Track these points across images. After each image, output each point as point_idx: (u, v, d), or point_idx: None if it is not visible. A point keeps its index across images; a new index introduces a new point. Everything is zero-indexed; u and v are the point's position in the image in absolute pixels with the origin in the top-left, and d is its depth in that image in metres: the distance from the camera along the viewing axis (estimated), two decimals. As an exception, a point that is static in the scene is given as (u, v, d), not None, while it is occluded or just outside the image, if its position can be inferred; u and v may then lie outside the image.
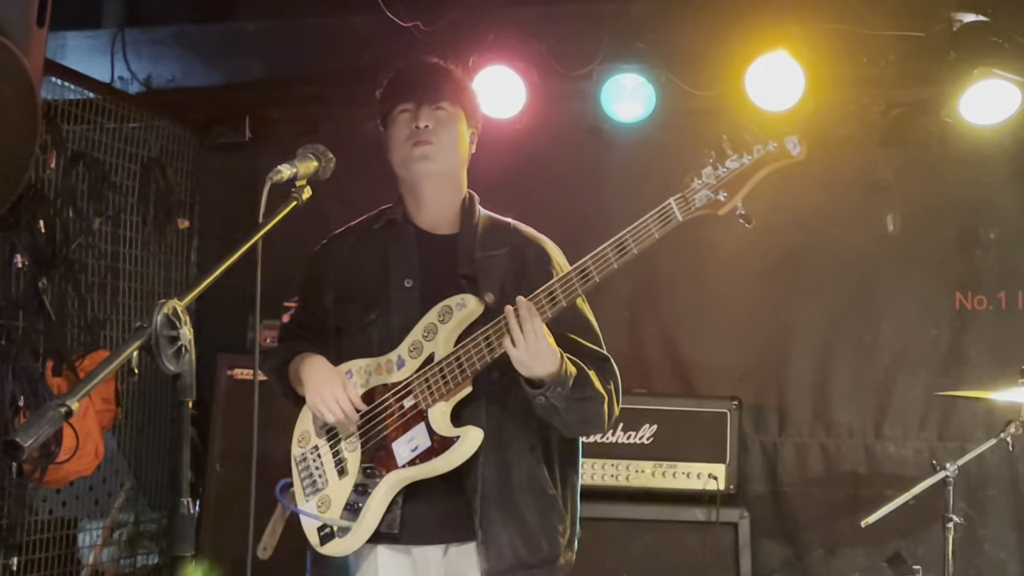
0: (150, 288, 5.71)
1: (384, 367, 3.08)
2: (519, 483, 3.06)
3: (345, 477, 3.09)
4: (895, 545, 5.14)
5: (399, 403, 3.03)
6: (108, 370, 1.90)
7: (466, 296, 3.02)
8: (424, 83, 3.18)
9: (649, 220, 2.88)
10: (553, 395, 2.91)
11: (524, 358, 2.86)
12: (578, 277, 2.90)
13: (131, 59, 5.78)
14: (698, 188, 2.84)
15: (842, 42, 5.06)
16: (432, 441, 2.97)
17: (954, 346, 5.34)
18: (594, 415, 3.05)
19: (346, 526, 3.03)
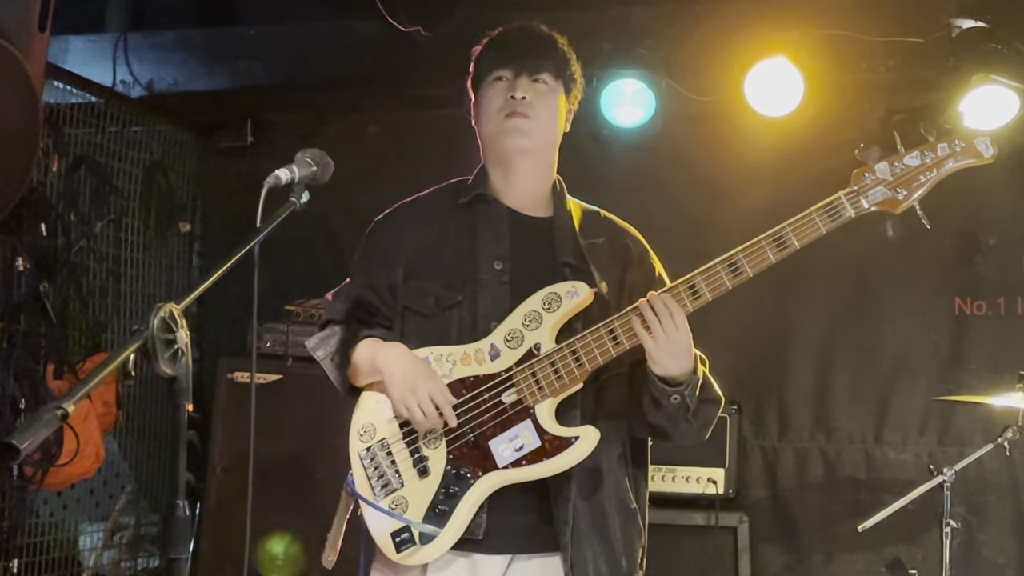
0: (152, 291, 5.72)
1: (473, 356, 2.79)
2: (607, 494, 2.82)
3: (427, 478, 2.78)
4: (894, 550, 5.14)
5: (497, 398, 2.76)
6: (104, 373, 1.92)
7: (578, 284, 2.77)
8: (526, 50, 2.91)
9: (815, 213, 2.72)
10: (689, 394, 2.71)
11: (662, 354, 2.66)
12: (727, 270, 2.72)
13: (133, 63, 5.79)
14: (871, 184, 2.71)
15: (842, 48, 5.07)
16: (543, 441, 2.71)
17: (953, 351, 5.34)
18: (712, 419, 2.85)
19: (431, 532, 2.73)
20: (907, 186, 2.71)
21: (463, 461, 2.76)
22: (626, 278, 2.91)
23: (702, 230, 5.50)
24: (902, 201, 2.72)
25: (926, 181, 2.71)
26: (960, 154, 2.72)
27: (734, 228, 5.38)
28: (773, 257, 2.73)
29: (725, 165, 5.55)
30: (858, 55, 5.12)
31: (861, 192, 2.72)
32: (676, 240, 5.50)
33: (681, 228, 5.54)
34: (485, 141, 2.96)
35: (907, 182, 2.71)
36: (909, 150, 2.72)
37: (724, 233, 5.40)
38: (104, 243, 5.44)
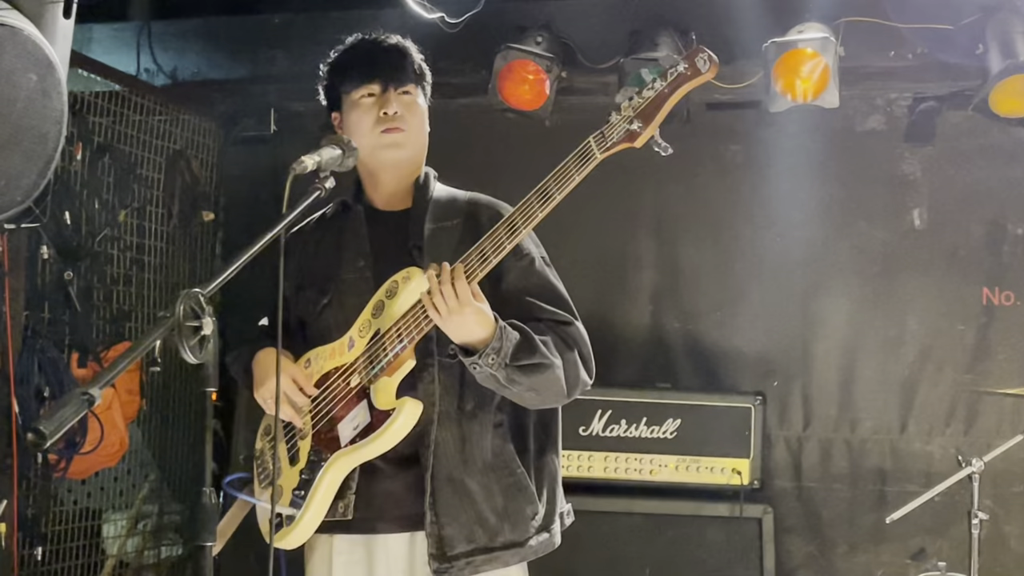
0: (175, 280, 5.72)
1: (337, 350, 2.97)
2: (481, 462, 2.91)
3: (296, 465, 2.97)
4: (920, 541, 5.12)
5: (346, 382, 2.91)
6: (131, 358, 1.91)
7: (411, 269, 2.88)
8: (388, 65, 3.05)
9: (569, 163, 2.77)
10: (488, 363, 2.73)
11: (448, 326, 2.73)
12: (505, 231, 2.76)
13: (157, 52, 5.79)
14: (616, 122, 2.74)
15: (869, 35, 5.03)
16: (372, 418, 2.83)
17: (981, 342, 5.30)
18: (544, 383, 2.83)
19: (291, 514, 2.88)
20: (643, 118, 2.72)
21: (319, 445, 2.93)
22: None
23: (730, 219, 5.49)
24: (640, 133, 2.73)
25: (660, 109, 2.73)
26: (686, 74, 2.73)
27: (762, 216, 5.43)
28: (541, 212, 2.76)
29: (750, 154, 5.53)
30: (886, 42, 5.08)
31: (605, 132, 2.76)
32: (702, 227, 5.55)
33: (705, 216, 5.53)
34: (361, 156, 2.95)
35: (644, 114, 2.72)
36: (647, 83, 2.75)
37: (749, 220, 5.43)
38: (128, 232, 5.44)
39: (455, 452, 2.90)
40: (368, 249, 3.04)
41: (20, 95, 3.41)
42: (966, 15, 4.93)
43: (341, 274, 3.04)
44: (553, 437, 3.07)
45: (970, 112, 5.09)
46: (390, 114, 3.00)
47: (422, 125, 3.09)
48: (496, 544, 2.90)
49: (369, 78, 3.03)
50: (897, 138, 5.43)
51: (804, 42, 4.89)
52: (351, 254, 3.05)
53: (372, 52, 3.09)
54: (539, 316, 2.93)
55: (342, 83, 3.09)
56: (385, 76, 3.03)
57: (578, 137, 5.69)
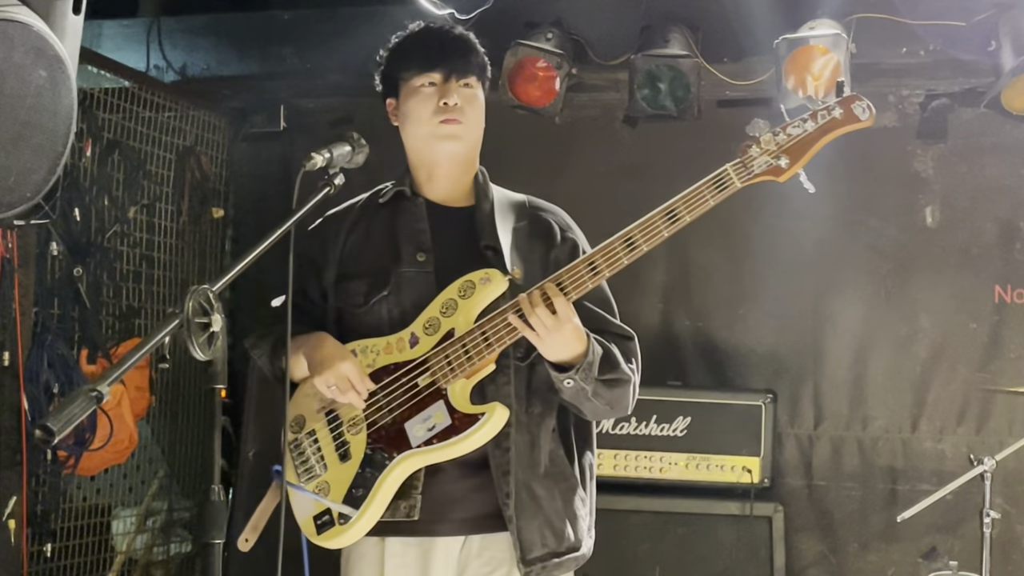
0: (184, 277, 5.72)
1: (395, 346, 2.89)
2: (546, 467, 2.89)
3: (348, 462, 2.87)
4: (931, 540, 5.10)
5: (412, 381, 2.85)
6: (139, 355, 1.90)
7: (491, 270, 2.85)
8: (452, 54, 2.97)
9: (703, 187, 2.77)
10: (581, 378, 2.75)
11: (545, 345, 2.73)
12: (623, 246, 2.75)
13: (167, 48, 5.78)
14: (756, 155, 2.76)
15: (881, 31, 5.01)
16: (453, 419, 2.78)
17: (993, 340, 5.28)
18: (621, 398, 2.89)
19: (349, 513, 2.81)
20: (790, 153, 2.76)
21: (380, 444, 2.84)
22: (551, 255, 2.97)
23: (741, 216, 5.47)
24: (785, 169, 2.77)
25: (809, 148, 2.77)
26: (840, 119, 2.77)
27: (773, 213, 5.41)
28: (667, 232, 2.78)
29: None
30: (898, 38, 5.06)
31: (746, 163, 2.77)
32: (713, 225, 5.52)
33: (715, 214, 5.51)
34: (414, 144, 3.02)
35: (790, 150, 2.76)
36: (791, 120, 2.78)
37: (759, 218, 5.41)
38: (137, 228, 5.44)
39: (526, 456, 2.87)
40: (430, 244, 2.96)
41: (29, 91, 3.40)
42: (979, 12, 4.90)
43: (400, 267, 2.95)
44: (590, 441, 3.07)
45: (982, 109, 5.06)
46: (450, 104, 2.92)
47: (480, 120, 3.01)
48: (562, 549, 2.90)
49: (432, 66, 2.95)
50: (909, 135, 5.41)
51: (816, 39, 4.87)
52: (410, 247, 2.96)
53: (437, 40, 3.01)
54: (606, 328, 2.95)
55: (402, 69, 3.02)
56: (448, 65, 2.95)
57: (588, 134, 5.73)
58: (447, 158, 2.99)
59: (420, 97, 2.95)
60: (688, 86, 5.11)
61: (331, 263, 3.03)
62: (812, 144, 2.75)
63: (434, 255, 2.95)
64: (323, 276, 3.03)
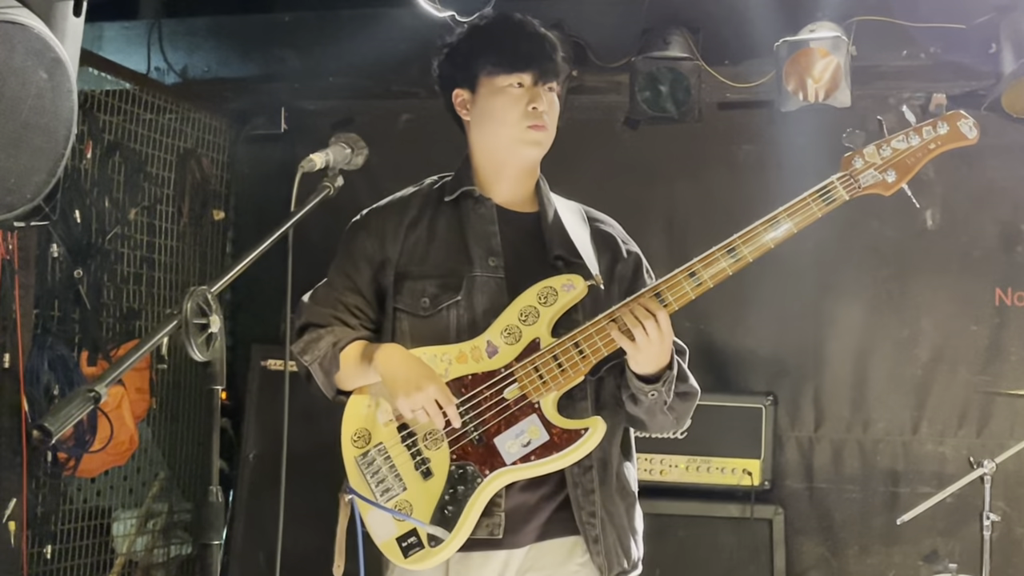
0: (185, 279, 5.73)
1: (470, 355, 2.74)
2: (616, 482, 2.82)
3: (430, 479, 2.72)
4: (931, 543, 5.10)
5: (499, 395, 2.72)
6: (138, 355, 1.90)
7: (574, 276, 2.75)
8: (543, 56, 2.83)
9: (810, 199, 2.73)
10: (666, 390, 2.70)
11: (640, 356, 2.65)
12: (726, 257, 2.73)
13: (167, 50, 5.79)
14: (861, 168, 2.73)
15: (881, 34, 5.02)
16: (551, 435, 2.67)
17: (993, 343, 5.29)
18: (688, 410, 2.85)
19: (440, 535, 2.67)
20: (897, 168, 2.74)
21: (468, 460, 2.71)
22: (616, 268, 2.91)
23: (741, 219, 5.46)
24: (892, 184, 2.74)
25: (915, 163, 2.75)
26: (945, 136, 2.76)
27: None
28: (771, 242, 2.76)
29: (762, 153, 5.51)
30: (899, 41, 5.06)
31: (853, 175, 2.74)
32: (713, 228, 5.52)
33: (716, 215, 5.51)
34: (492, 144, 2.89)
35: (896, 164, 2.74)
36: (895, 133, 2.76)
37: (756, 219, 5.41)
38: (138, 230, 5.45)
39: (602, 473, 2.80)
40: (500, 249, 2.84)
41: (30, 93, 3.40)
42: (979, 15, 4.91)
43: (472, 271, 2.81)
44: (633, 454, 2.98)
45: (983, 112, 5.06)
46: (539, 110, 2.81)
47: (556, 123, 2.91)
48: (629, 566, 2.83)
49: (523, 67, 2.82)
50: (910, 138, 5.40)
51: (816, 41, 4.88)
52: (481, 251, 2.83)
53: (527, 38, 2.86)
54: None
55: (488, 63, 2.84)
56: (539, 68, 2.82)
57: (589, 136, 5.72)
58: (527, 163, 2.91)
59: (508, 98, 2.82)
60: (689, 88, 5.12)
61: (390, 260, 2.87)
62: (919, 159, 2.74)
63: (504, 261, 2.83)
64: (381, 274, 2.88)
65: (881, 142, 2.75)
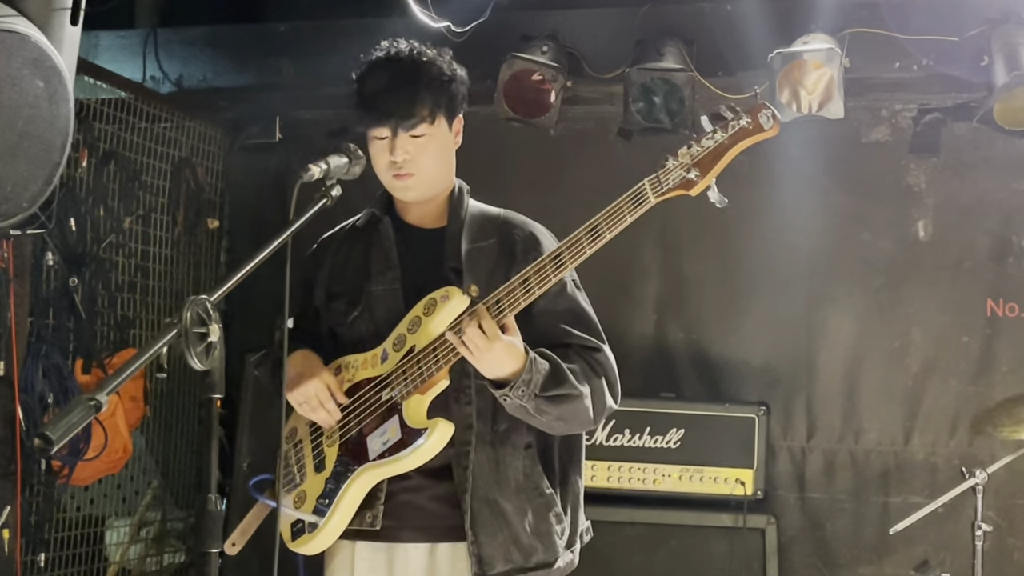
0: (179, 287, 5.73)
1: (370, 361, 2.99)
2: (514, 483, 2.94)
3: (322, 472, 2.98)
4: (923, 553, 5.10)
5: (378, 395, 2.93)
6: (138, 364, 1.91)
7: (450, 288, 2.90)
8: (398, 104, 2.95)
9: (623, 203, 2.74)
10: (518, 395, 2.78)
11: (479, 363, 2.77)
12: (552, 264, 2.76)
13: (163, 59, 5.80)
14: (672, 168, 2.71)
15: (874, 46, 5.04)
16: (403, 434, 2.85)
17: (985, 353, 5.30)
18: (572, 413, 2.88)
19: (315, 521, 2.91)
20: (699, 167, 2.70)
21: (347, 455, 2.95)
22: (511, 273, 2.93)
23: (735, 229, 5.48)
24: (696, 181, 2.71)
25: (715, 159, 2.70)
26: (748, 128, 2.71)
27: (767, 227, 5.43)
28: (589, 250, 2.75)
29: (756, 164, 5.52)
30: (891, 53, 5.09)
31: (661, 177, 2.73)
32: (706, 237, 5.55)
33: (709, 226, 5.53)
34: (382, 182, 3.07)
35: (701, 163, 2.70)
36: (707, 132, 2.73)
37: (753, 231, 5.43)
38: (132, 239, 5.45)
39: (490, 473, 2.93)
40: (397, 263, 3.05)
41: (27, 101, 3.42)
42: (971, 27, 4.94)
43: (371, 287, 3.06)
44: (576, 457, 3.10)
45: (975, 124, 5.10)
46: (398, 162, 2.96)
47: (437, 159, 3.02)
48: (530, 564, 2.93)
49: (379, 120, 2.97)
50: (902, 149, 5.44)
51: (809, 53, 4.91)
52: (380, 267, 3.06)
53: (384, 88, 2.97)
54: (568, 341, 2.96)
55: (360, 115, 3.03)
56: (395, 119, 2.94)
57: (583, 146, 5.74)
58: (407, 201, 3.08)
59: (375, 148, 3.00)
60: (682, 99, 5.14)
61: (320, 284, 3.16)
62: (722, 155, 2.70)
63: (401, 274, 3.04)
64: (314, 295, 3.17)
65: (692, 142, 2.73)
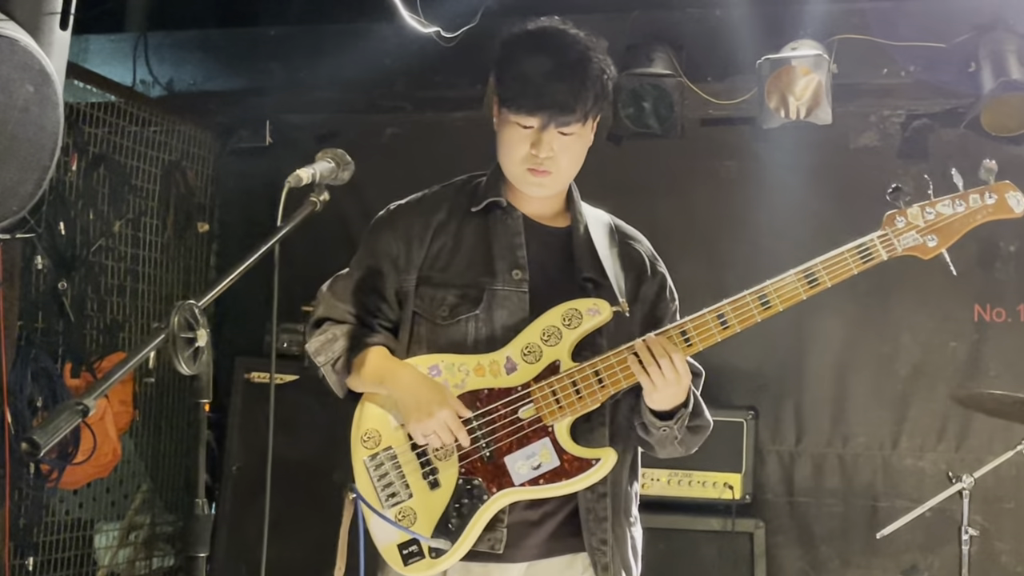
0: (169, 291, 5.74)
1: (488, 368, 2.71)
2: (624, 504, 2.83)
3: (437, 490, 2.71)
4: (911, 557, 5.12)
5: (514, 413, 2.70)
6: (125, 369, 1.92)
7: (600, 302, 2.70)
8: (557, 99, 2.66)
9: (847, 255, 2.72)
10: (679, 427, 2.69)
11: (656, 395, 2.63)
12: (756, 305, 2.71)
13: (153, 63, 5.81)
14: (903, 228, 2.72)
15: (862, 52, 5.06)
16: (562, 460, 2.65)
17: (972, 358, 5.32)
18: (698, 442, 2.83)
19: (442, 547, 2.66)
20: (939, 233, 2.71)
21: (476, 475, 2.70)
22: (640, 289, 2.87)
23: (724, 234, 5.50)
24: (932, 249, 2.72)
25: (958, 230, 2.72)
26: (991, 207, 2.73)
27: (756, 232, 5.44)
28: (804, 295, 2.73)
29: (744, 169, 5.55)
30: (880, 60, 5.11)
31: (894, 236, 2.73)
32: (694, 244, 5.57)
33: (698, 231, 5.55)
34: (506, 169, 2.80)
35: (939, 230, 2.71)
36: (940, 197, 2.74)
37: (739, 236, 5.45)
38: (122, 242, 5.45)
39: (616, 498, 2.80)
40: (525, 262, 2.79)
41: (16, 105, 3.42)
42: (959, 34, 4.97)
43: (494, 284, 2.76)
44: (638, 469, 2.97)
45: (963, 130, 5.12)
46: (540, 157, 2.71)
47: (575, 161, 2.79)
48: None
49: (532, 110, 2.68)
50: (890, 155, 5.46)
51: (798, 59, 4.92)
52: (505, 264, 2.78)
53: (545, 74, 2.67)
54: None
55: (503, 91, 2.74)
56: (549, 113, 2.67)
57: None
58: (533, 196, 2.85)
59: (515, 135, 2.73)
60: (672, 105, 5.15)
61: (414, 264, 2.83)
62: (962, 229, 2.71)
63: (529, 275, 2.78)
64: (403, 275, 2.84)
65: (926, 204, 2.72)
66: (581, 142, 2.78)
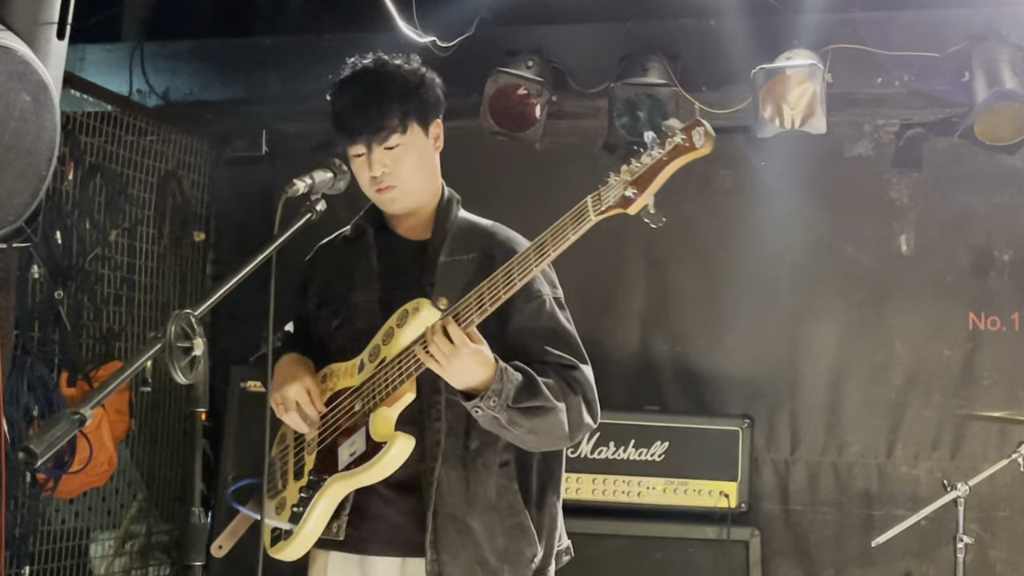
0: (165, 300, 5.74)
1: (349, 371, 2.99)
2: (484, 501, 2.91)
3: (299, 480, 2.98)
4: (906, 565, 5.13)
5: (351, 406, 2.93)
6: (122, 379, 1.92)
7: (421, 300, 2.87)
8: (368, 121, 2.95)
9: (566, 221, 2.70)
10: (489, 405, 2.74)
11: (447, 374, 2.75)
12: (503, 282, 2.74)
13: (149, 72, 5.82)
14: (612, 185, 2.65)
15: (857, 62, 5.08)
16: (367, 446, 2.84)
17: (967, 366, 5.33)
18: (546, 427, 2.83)
19: (287, 529, 2.91)
20: (638, 185, 2.62)
21: (320, 464, 2.95)
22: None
23: (718, 243, 5.51)
24: (633, 199, 2.63)
25: (651, 177, 2.62)
26: (682, 147, 2.62)
27: (750, 241, 5.46)
28: (536, 267, 2.72)
29: (739, 178, 5.56)
30: (873, 69, 5.13)
31: (602, 194, 2.67)
32: (690, 251, 5.58)
33: (693, 240, 5.56)
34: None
35: (639, 181, 2.62)
36: (648, 150, 2.65)
37: (736, 244, 5.46)
38: (118, 251, 5.46)
39: (459, 491, 2.89)
40: (376, 275, 3.06)
41: (13, 115, 3.43)
42: (952, 44, 4.99)
43: (352, 298, 3.06)
44: (556, 477, 3.05)
45: (956, 139, 5.14)
46: (377, 176, 2.96)
47: (418, 167, 3.01)
48: None
49: (352, 140, 2.98)
50: (885, 164, 5.47)
51: (792, 69, 4.94)
52: (363, 279, 3.07)
53: (353, 105, 2.99)
54: (545, 359, 2.92)
55: (336, 137, 3.05)
56: (366, 136, 2.95)
57: (568, 161, 5.77)
58: (394, 212, 3.08)
59: (356, 166, 2.99)
60: (666, 114, 5.16)
61: (312, 293, 3.20)
62: (658, 172, 2.62)
63: (380, 286, 3.04)
64: (307, 302, 3.20)
65: (633, 158, 2.66)
66: (413, 151, 3.00)
